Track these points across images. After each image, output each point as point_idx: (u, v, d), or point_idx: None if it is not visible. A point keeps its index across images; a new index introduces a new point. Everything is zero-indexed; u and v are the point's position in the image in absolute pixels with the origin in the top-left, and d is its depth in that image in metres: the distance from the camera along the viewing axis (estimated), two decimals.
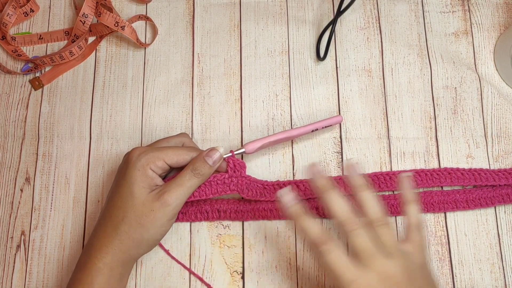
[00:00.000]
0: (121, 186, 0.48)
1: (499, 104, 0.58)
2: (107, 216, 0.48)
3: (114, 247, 0.47)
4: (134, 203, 0.47)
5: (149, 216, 0.47)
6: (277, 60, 0.60)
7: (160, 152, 0.48)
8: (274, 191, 0.53)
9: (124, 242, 0.47)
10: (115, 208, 0.47)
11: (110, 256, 0.46)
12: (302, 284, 0.52)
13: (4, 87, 0.59)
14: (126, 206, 0.47)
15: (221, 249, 0.53)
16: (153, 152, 0.48)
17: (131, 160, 0.48)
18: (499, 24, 0.61)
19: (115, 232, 0.47)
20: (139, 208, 0.47)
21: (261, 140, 0.52)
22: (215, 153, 0.49)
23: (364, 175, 0.53)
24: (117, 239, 0.47)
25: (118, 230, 0.47)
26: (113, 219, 0.47)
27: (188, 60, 0.60)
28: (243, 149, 0.52)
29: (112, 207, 0.48)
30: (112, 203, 0.48)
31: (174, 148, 0.49)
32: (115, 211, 0.47)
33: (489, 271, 0.52)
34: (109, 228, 0.47)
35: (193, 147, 0.52)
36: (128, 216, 0.47)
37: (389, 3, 0.62)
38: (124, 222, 0.47)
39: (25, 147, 0.57)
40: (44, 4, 0.63)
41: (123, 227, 0.47)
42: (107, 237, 0.47)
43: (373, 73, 0.59)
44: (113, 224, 0.47)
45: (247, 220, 0.54)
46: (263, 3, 0.62)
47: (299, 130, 0.54)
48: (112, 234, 0.47)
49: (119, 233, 0.47)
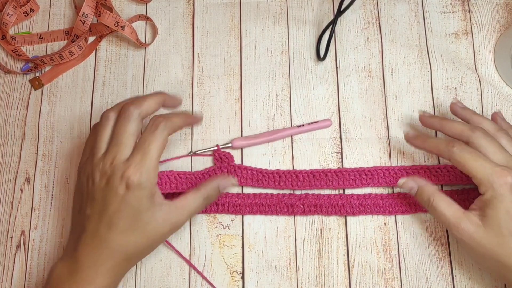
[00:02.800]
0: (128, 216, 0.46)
1: (499, 104, 0.58)
2: (111, 241, 0.46)
3: (121, 263, 0.46)
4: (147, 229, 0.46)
5: (157, 239, 0.48)
6: (277, 60, 0.60)
7: (153, 160, 0.46)
8: (274, 179, 0.54)
9: (138, 258, 0.48)
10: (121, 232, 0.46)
11: (114, 275, 0.46)
12: (302, 284, 0.52)
13: (4, 87, 0.59)
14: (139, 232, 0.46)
15: (221, 249, 0.53)
16: (149, 169, 0.45)
17: (132, 187, 0.45)
18: (499, 24, 0.61)
19: (122, 254, 0.46)
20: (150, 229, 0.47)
21: (249, 140, 0.56)
22: (228, 184, 0.51)
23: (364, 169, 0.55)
24: (121, 259, 0.46)
25: (125, 253, 0.46)
26: (120, 243, 0.46)
27: (188, 60, 0.60)
28: (229, 144, 0.55)
29: (117, 234, 0.46)
30: (118, 231, 0.46)
31: (161, 143, 0.47)
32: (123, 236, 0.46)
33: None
34: (114, 249, 0.46)
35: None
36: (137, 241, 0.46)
37: (389, 3, 0.62)
38: (134, 249, 0.46)
39: (25, 147, 0.57)
40: (44, 4, 0.63)
41: (131, 250, 0.46)
42: (111, 257, 0.46)
43: (373, 73, 0.59)
44: (119, 248, 0.46)
45: (245, 214, 0.54)
46: (263, 3, 0.62)
47: (288, 131, 0.56)
48: (118, 254, 0.46)
49: (126, 255, 0.46)
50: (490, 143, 0.47)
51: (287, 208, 0.53)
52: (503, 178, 0.44)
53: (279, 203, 0.53)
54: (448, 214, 0.46)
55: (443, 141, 0.48)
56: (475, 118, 0.51)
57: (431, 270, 0.52)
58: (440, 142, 0.49)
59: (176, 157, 0.56)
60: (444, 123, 0.50)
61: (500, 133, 0.49)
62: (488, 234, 0.45)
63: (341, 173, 0.54)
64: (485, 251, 0.45)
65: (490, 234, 0.45)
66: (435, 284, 0.52)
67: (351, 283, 0.52)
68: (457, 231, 0.46)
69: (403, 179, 0.50)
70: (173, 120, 0.48)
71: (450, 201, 0.47)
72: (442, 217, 0.47)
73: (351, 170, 0.55)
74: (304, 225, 0.54)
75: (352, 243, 0.53)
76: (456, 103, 0.53)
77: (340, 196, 0.54)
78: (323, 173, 0.54)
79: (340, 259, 0.53)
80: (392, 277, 0.52)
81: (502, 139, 0.48)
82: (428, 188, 0.48)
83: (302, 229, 0.54)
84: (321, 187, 0.54)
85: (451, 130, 0.49)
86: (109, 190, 0.45)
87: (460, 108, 0.53)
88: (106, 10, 0.58)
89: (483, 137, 0.47)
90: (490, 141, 0.47)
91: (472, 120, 0.51)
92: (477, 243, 0.45)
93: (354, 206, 0.53)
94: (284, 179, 0.54)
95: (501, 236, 0.44)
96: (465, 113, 0.52)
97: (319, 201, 0.53)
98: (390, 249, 0.53)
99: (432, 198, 0.47)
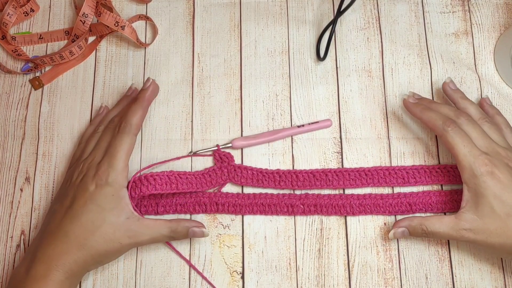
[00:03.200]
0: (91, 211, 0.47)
1: (499, 104, 0.58)
2: (70, 233, 0.47)
3: (76, 261, 0.46)
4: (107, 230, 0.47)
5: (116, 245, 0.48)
6: (277, 60, 0.60)
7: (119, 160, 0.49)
8: (274, 179, 0.54)
9: (86, 260, 0.47)
10: (84, 225, 0.47)
11: (72, 269, 0.46)
12: (302, 284, 0.52)
13: (4, 86, 0.59)
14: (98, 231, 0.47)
15: (221, 249, 0.53)
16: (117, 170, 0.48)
17: (101, 184, 0.48)
18: (499, 24, 0.61)
19: (80, 249, 0.46)
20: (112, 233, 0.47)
21: (249, 140, 0.56)
22: (199, 234, 0.50)
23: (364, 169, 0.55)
24: (78, 255, 0.46)
25: (84, 250, 0.46)
26: (80, 238, 0.47)
27: (188, 60, 0.60)
28: (230, 144, 0.55)
29: (78, 228, 0.47)
30: (79, 225, 0.47)
31: (128, 150, 0.50)
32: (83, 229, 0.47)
33: (488, 272, 0.52)
34: (73, 244, 0.46)
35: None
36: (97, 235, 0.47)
37: (389, 4, 0.62)
38: (94, 240, 0.47)
39: (25, 147, 0.57)
40: (44, 3, 0.63)
41: (89, 249, 0.47)
42: (68, 252, 0.46)
43: (373, 73, 0.59)
44: (78, 242, 0.47)
45: (245, 214, 0.54)
46: (263, 3, 0.62)
47: (288, 131, 0.56)
48: (76, 250, 0.46)
49: (84, 252, 0.46)
50: (473, 129, 0.49)
51: (287, 208, 0.53)
52: (484, 166, 0.46)
53: (279, 203, 0.53)
54: (445, 229, 0.47)
55: (441, 118, 0.50)
56: (462, 102, 0.53)
57: (431, 270, 0.52)
58: (438, 117, 0.50)
59: (176, 158, 0.56)
60: (433, 106, 0.52)
61: (482, 120, 0.51)
62: (486, 224, 0.46)
63: (341, 173, 0.54)
64: (493, 240, 0.46)
65: (488, 222, 0.46)
66: (435, 284, 0.52)
67: (351, 283, 0.52)
68: (462, 237, 0.47)
69: (391, 232, 0.50)
70: (133, 119, 0.51)
71: (438, 217, 0.48)
72: (442, 234, 0.48)
73: (351, 170, 0.55)
74: (304, 225, 0.54)
75: (352, 243, 0.53)
76: (449, 83, 0.55)
77: (340, 196, 0.54)
78: (323, 173, 0.54)
79: (340, 259, 0.53)
80: (392, 277, 0.52)
81: (484, 126, 0.50)
82: (414, 222, 0.49)
83: (302, 229, 0.54)
84: (321, 187, 0.54)
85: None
86: (81, 187, 0.48)
87: (451, 90, 0.55)
88: (106, 10, 0.58)
89: (467, 123, 0.49)
90: (473, 127, 0.49)
91: (459, 104, 0.53)
92: (481, 236, 0.46)
93: (354, 206, 0.53)
94: (284, 179, 0.54)
95: (499, 219, 0.46)
96: (455, 96, 0.54)
97: (319, 201, 0.53)
98: (390, 249, 0.53)
99: (423, 227, 0.48)
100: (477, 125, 0.50)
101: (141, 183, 0.51)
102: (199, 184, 0.53)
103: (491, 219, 0.46)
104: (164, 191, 0.51)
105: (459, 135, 0.48)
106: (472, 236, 0.47)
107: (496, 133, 0.50)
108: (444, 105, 0.52)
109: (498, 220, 0.46)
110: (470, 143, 0.48)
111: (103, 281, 0.52)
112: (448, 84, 0.55)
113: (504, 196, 0.46)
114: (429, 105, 0.52)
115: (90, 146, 0.52)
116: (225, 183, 0.55)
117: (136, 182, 0.51)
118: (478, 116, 0.51)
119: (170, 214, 0.54)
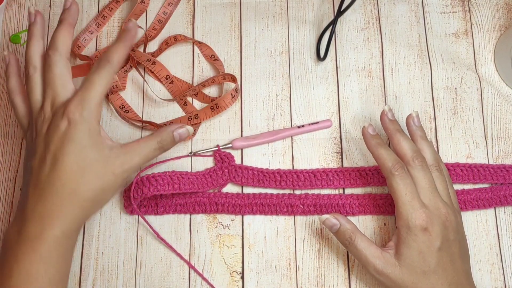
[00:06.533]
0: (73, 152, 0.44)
1: (499, 104, 0.58)
2: (56, 181, 0.43)
3: (71, 213, 0.44)
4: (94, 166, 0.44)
5: (110, 179, 0.45)
6: (277, 60, 0.60)
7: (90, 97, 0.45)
8: (275, 179, 0.54)
9: (83, 207, 0.45)
10: (69, 173, 0.44)
11: (68, 223, 0.44)
12: (302, 284, 0.52)
13: (4, 86, 0.59)
14: (86, 171, 0.44)
15: (220, 249, 0.53)
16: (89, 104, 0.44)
17: (74, 122, 0.44)
18: (499, 24, 0.61)
19: (73, 198, 0.44)
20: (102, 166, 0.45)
21: (249, 140, 0.56)
22: (185, 133, 0.49)
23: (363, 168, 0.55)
24: (72, 205, 0.44)
25: (77, 196, 0.44)
26: (69, 184, 0.44)
27: (188, 60, 0.60)
28: (230, 144, 0.55)
29: (63, 173, 0.44)
30: (63, 169, 0.44)
31: (106, 80, 0.46)
32: (70, 176, 0.44)
33: (488, 272, 0.52)
34: (63, 194, 0.43)
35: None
36: (89, 179, 0.44)
37: (389, 4, 0.62)
38: (84, 187, 0.44)
39: (25, 147, 0.57)
40: (44, 3, 0.63)
41: (83, 193, 0.44)
42: (60, 205, 0.43)
43: (373, 74, 0.59)
44: (68, 190, 0.44)
45: (245, 214, 0.54)
46: (263, 3, 0.62)
47: (288, 131, 0.56)
48: (68, 200, 0.44)
49: (78, 199, 0.44)
50: (423, 177, 0.48)
51: (287, 208, 0.53)
52: (420, 220, 0.46)
53: (279, 203, 0.53)
54: (368, 253, 0.47)
55: (391, 160, 0.48)
56: (420, 142, 0.51)
57: None
58: (389, 159, 0.48)
59: (176, 157, 0.56)
60: (396, 136, 0.50)
61: (433, 168, 0.50)
62: (403, 274, 0.46)
63: (342, 172, 0.54)
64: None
65: (405, 273, 0.46)
66: None
67: (351, 283, 0.52)
68: (375, 271, 0.46)
69: (325, 215, 0.48)
70: (113, 56, 0.46)
71: (369, 241, 0.47)
72: (361, 256, 0.47)
73: (351, 169, 0.55)
74: (304, 225, 0.54)
75: None
76: (414, 117, 0.52)
77: (340, 196, 0.54)
78: (324, 172, 0.54)
79: (340, 259, 0.53)
80: None
81: (433, 173, 0.49)
82: (349, 227, 0.48)
83: (302, 229, 0.54)
84: (322, 187, 0.54)
85: (397, 147, 0.49)
86: (51, 131, 0.44)
87: (415, 126, 0.52)
88: None
89: (419, 170, 0.48)
90: (423, 175, 0.48)
91: (417, 143, 0.51)
92: (393, 282, 0.46)
93: (354, 206, 0.53)
94: (285, 179, 0.54)
95: (415, 274, 0.45)
96: (416, 133, 0.51)
97: (319, 201, 0.53)
98: None
99: (353, 237, 0.47)
100: (429, 173, 0.48)
101: (143, 184, 0.51)
102: (200, 185, 0.53)
103: (408, 271, 0.46)
104: (167, 191, 0.51)
105: (404, 182, 0.47)
106: (384, 278, 0.46)
107: (443, 184, 0.49)
108: (406, 141, 0.49)
109: (414, 275, 0.45)
110: (413, 193, 0.47)
111: (103, 281, 0.52)
112: (413, 119, 0.52)
113: (427, 255, 0.45)
114: (395, 134, 0.50)
115: (35, 93, 0.46)
116: (226, 183, 0.55)
117: (138, 183, 0.51)
118: (431, 162, 0.50)
119: (170, 214, 0.54)
